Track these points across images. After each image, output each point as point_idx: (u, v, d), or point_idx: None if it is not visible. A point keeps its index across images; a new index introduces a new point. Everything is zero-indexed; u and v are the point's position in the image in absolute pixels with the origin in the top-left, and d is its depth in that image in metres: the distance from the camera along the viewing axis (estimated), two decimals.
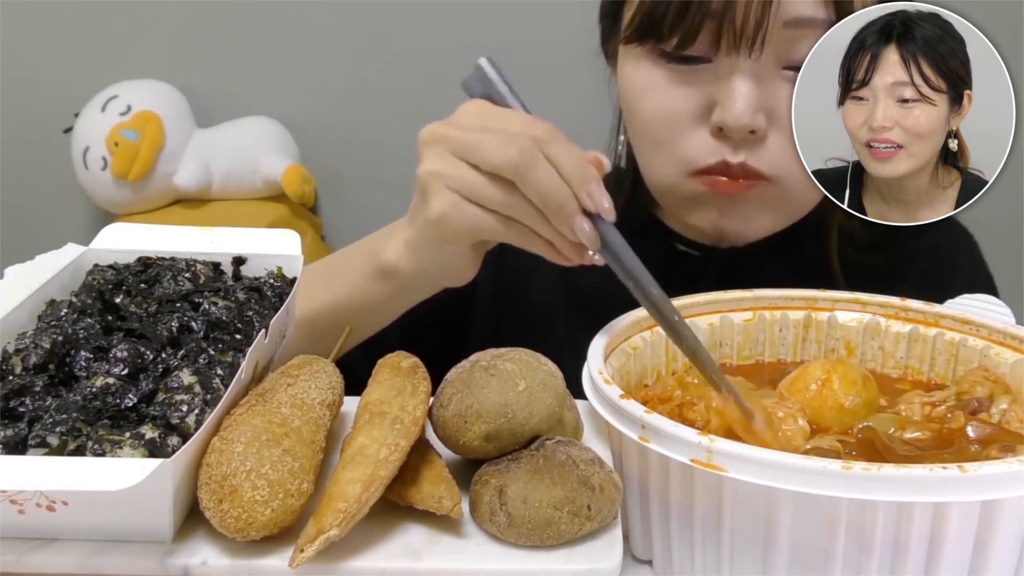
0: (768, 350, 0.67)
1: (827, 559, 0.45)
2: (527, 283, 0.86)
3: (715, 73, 0.69)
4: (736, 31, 0.66)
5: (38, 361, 0.50)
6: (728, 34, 0.66)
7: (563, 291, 0.85)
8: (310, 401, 0.50)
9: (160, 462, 0.42)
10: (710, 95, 0.69)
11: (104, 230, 0.65)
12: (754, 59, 0.67)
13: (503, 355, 0.53)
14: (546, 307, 0.86)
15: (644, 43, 0.70)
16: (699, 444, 0.45)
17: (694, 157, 0.71)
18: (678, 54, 0.69)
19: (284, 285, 0.61)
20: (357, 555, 0.45)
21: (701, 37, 0.67)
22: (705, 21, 0.66)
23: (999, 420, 0.54)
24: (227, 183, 1.91)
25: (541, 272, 0.86)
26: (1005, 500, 0.43)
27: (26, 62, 1.96)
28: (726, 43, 0.67)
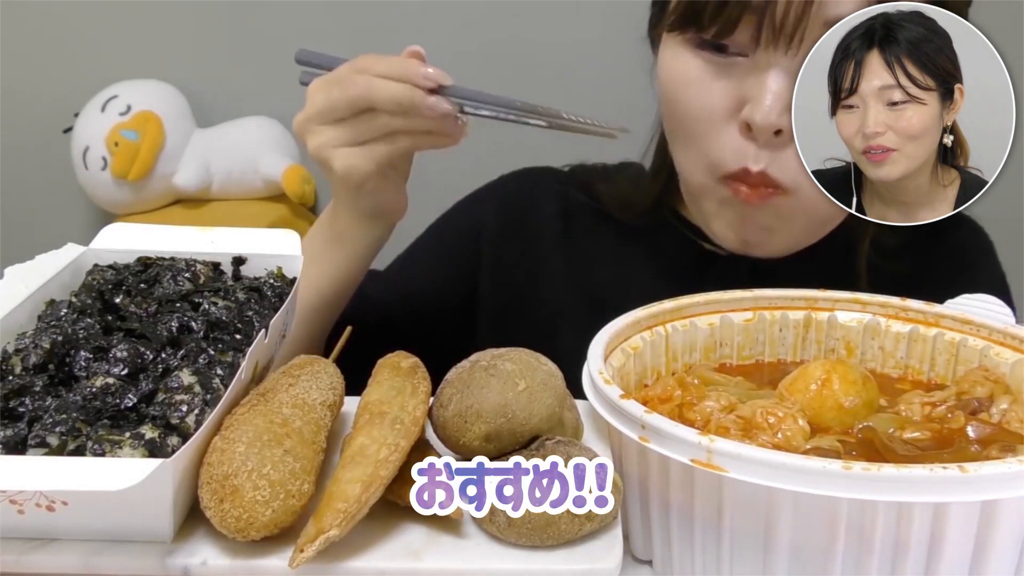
0: (768, 350, 0.67)
1: (827, 559, 0.45)
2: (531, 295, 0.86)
3: (752, 67, 0.68)
4: (776, 26, 0.65)
5: (38, 361, 0.50)
6: (768, 28, 0.66)
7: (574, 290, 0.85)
8: (311, 401, 0.50)
9: (160, 462, 0.41)
10: (743, 90, 0.69)
11: (104, 230, 0.65)
12: (791, 56, 0.66)
13: (503, 355, 0.53)
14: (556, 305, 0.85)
15: (686, 31, 0.70)
16: (699, 444, 0.45)
17: (722, 158, 0.71)
18: (716, 43, 0.69)
19: (284, 285, 0.61)
20: (357, 555, 0.45)
21: (741, 29, 0.67)
22: (745, 13, 0.66)
23: (999, 420, 0.54)
24: (227, 183, 1.91)
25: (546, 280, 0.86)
26: (1005, 500, 0.43)
27: (26, 62, 1.96)
28: (765, 37, 0.66)
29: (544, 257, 0.87)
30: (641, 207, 0.85)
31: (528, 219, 0.88)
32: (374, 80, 0.66)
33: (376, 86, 0.66)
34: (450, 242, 0.90)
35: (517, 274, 0.87)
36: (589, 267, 0.86)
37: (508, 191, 0.91)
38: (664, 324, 0.64)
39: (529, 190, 0.90)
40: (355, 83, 0.66)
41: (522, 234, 0.88)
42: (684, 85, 0.72)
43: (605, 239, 0.87)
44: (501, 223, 0.88)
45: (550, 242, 0.87)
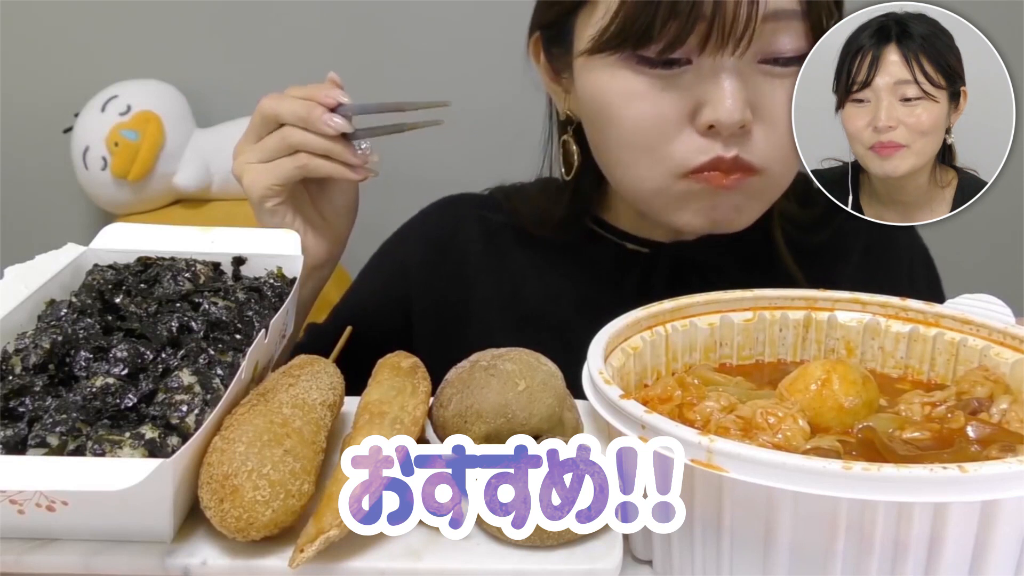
0: (768, 350, 0.67)
1: (827, 559, 0.45)
2: (464, 317, 0.88)
3: (697, 74, 0.69)
4: (725, 30, 0.66)
5: (38, 361, 0.50)
6: (717, 34, 0.66)
7: (512, 310, 0.86)
8: (311, 401, 0.50)
9: (160, 462, 0.42)
10: (696, 96, 0.69)
11: (104, 230, 0.65)
12: (738, 56, 0.67)
13: (503, 355, 0.53)
14: (493, 329, 0.86)
15: (619, 51, 0.70)
16: (699, 444, 0.45)
17: (685, 158, 0.71)
18: (661, 59, 0.68)
19: (284, 285, 0.61)
20: (357, 555, 0.45)
21: (688, 40, 0.67)
22: (696, 23, 0.66)
23: (999, 420, 0.54)
24: (227, 183, 1.91)
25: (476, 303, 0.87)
26: (1005, 500, 0.43)
27: (26, 62, 1.96)
28: (713, 43, 0.67)
29: (471, 280, 0.88)
30: (559, 220, 0.86)
31: (452, 246, 0.90)
32: (284, 97, 0.73)
33: (283, 101, 0.73)
34: (379, 284, 0.93)
35: (448, 299, 0.88)
36: (516, 284, 0.87)
37: (429, 223, 0.93)
38: (664, 324, 0.64)
39: (451, 217, 0.92)
40: (269, 101, 0.74)
41: (449, 260, 0.89)
42: (627, 101, 0.71)
43: (529, 256, 0.88)
44: (426, 256, 0.90)
45: (475, 265, 0.89)
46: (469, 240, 0.90)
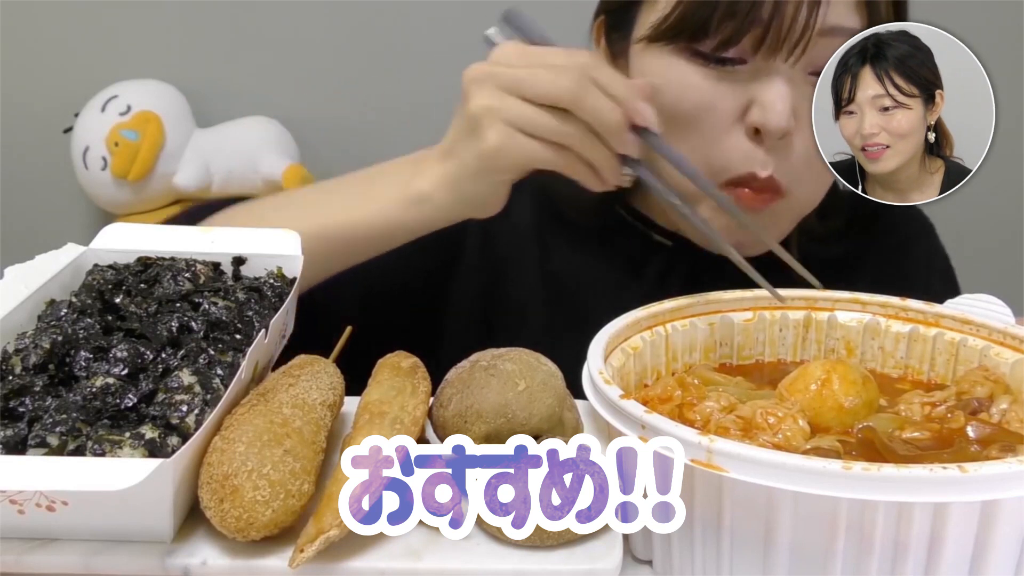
0: (768, 350, 0.67)
1: (827, 559, 0.45)
2: (508, 278, 0.87)
3: (752, 73, 0.70)
4: (781, 36, 0.67)
5: (38, 361, 0.50)
6: (772, 38, 0.67)
7: (542, 287, 0.86)
8: (311, 401, 0.50)
9: (160, 462, 0.42)
10: (748, 94, 0.70)
11: (104, 230, 0.65)
12: (790, 64, 0.68)
13: (503, 355, 0.53)
14: (524, 302, 0.86)
15: (676, 42, 0.70)
16: (699, 444, 0.45)
17: (729, 162, 0.72)
18: (715, 55, 0.69)
19: (284, 285, 0.61)
20: (357, 555, 0.45)
21: (743, 41, 0.68)
22: (752, 26, 0.67)
23: (999, 420, 0.54)
24: (227, 183, 1.91)
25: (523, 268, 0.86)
26: (1005, 500, 0.43)
27: (26, 62, 1.96)
28: (768, 47, 0.68)
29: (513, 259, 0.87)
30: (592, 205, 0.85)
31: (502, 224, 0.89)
32: (592, 86, 0.61)
33: (594, 94, 0.61)
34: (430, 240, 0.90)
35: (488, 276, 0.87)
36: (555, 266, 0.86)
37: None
38: (664, 324, 0.64)
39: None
40: (573, 79, 0.60)
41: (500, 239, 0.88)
42: (682, 91, 0.72)
43: (566, 238, 0.87)
44: (482, 227, 0.89)
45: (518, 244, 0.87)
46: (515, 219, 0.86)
